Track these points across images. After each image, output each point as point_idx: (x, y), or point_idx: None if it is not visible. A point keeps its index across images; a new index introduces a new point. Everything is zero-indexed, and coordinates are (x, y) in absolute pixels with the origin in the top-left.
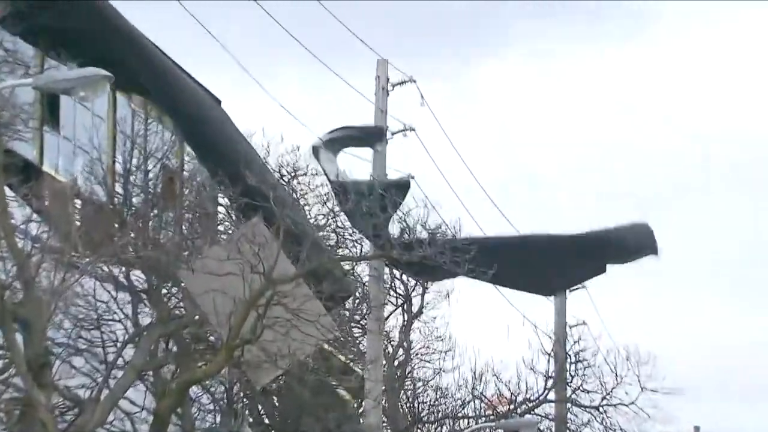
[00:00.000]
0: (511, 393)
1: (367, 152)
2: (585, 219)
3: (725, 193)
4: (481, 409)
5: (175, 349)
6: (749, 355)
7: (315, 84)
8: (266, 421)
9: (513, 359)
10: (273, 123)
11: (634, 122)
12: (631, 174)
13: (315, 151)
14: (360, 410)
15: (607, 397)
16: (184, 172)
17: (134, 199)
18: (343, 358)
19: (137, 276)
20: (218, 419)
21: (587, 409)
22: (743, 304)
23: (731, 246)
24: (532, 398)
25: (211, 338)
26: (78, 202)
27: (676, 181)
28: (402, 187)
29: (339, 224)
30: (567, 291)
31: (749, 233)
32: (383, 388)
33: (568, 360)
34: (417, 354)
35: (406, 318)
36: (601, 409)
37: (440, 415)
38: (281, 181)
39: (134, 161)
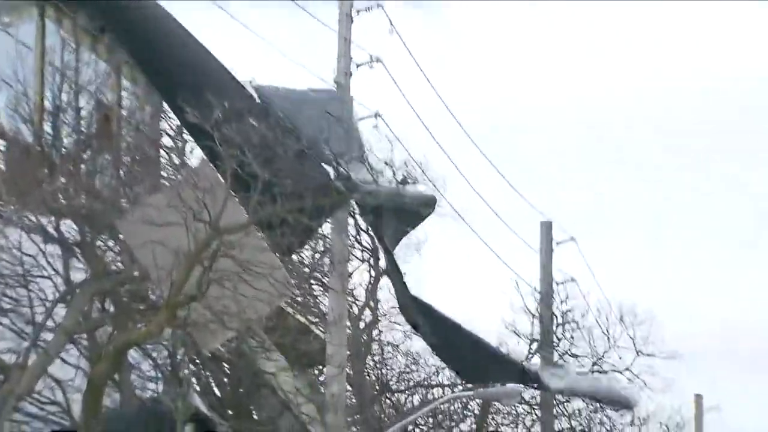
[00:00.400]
0: None
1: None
2: (560, 168)
3: (730, 147)
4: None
5: (111, 308)
6: (754, 320)
7: (272, 11)
8: (215, 390)
9: (493, 320)
10: (226, 54)
11: (628, 72)
12: (622, 126)
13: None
14: (321, 378)
15: (599, 362)
16: (122, 109)
17: (65, 140)
18: (302, 318)
19: (68, 227)
20: (161, 387)
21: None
22: (750, 266)
23: (736, 206)
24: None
25: (152, 296)
26: (1, 143)
27: (672, 132)
28: (428, 204)
29: None
30: (554, 246)
31: (757, 191)
32: (347, 353)
33: (555, 321)
34: (385, 315)
35: (372, 274)
36: (592, 375)
37: (411, 383)
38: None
39: (65, 97)
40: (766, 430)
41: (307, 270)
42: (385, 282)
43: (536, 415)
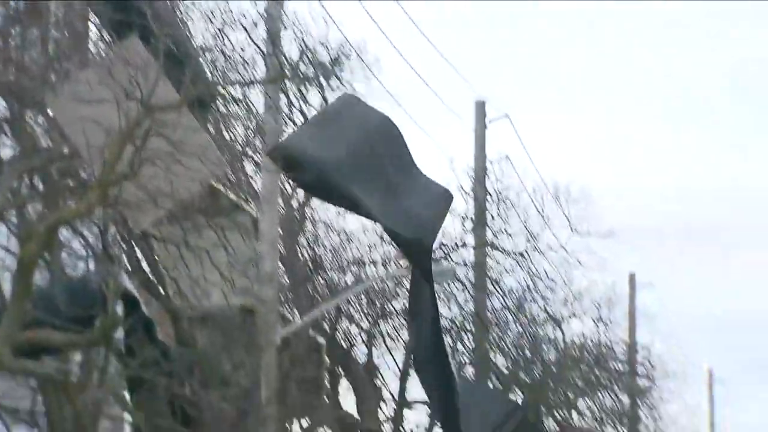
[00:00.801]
0: None
1: None
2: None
3: (671, 19)
4: (390, 254)
5: (41, 186)
6: (688, 197)
7: None
8: (146, 268)
9: None
10: None
11: None
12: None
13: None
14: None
15: (532, 240)
16: None
17: None
18: (233, 196)
19: None
20: (92, 266)
21: (510, 255)
22: (686, 145)
23: (674, 81)
24: (448, 243)
25: (83, 174)
26: None
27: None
28: (447, 200)
29: (228, 45)
30: (487, 123)
31: (699, 67)
32: (280, 232)
33: (489, 199)
34: None
35: None
36: (525, 254)
37: (345, 261)
38: None
39: None
40: (697, 306)
41: (239, 148)
42: None
43: (470, 293)
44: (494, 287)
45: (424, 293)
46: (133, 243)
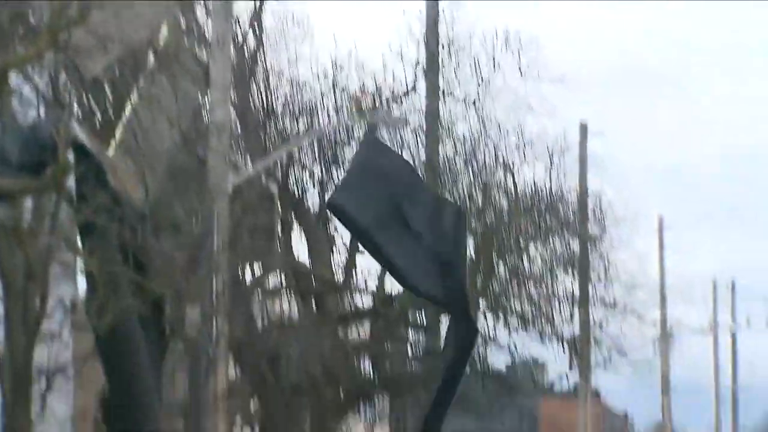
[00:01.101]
0: (377, 85)
1: None
2: None
3: None
4: (342, 101)
5: None
6: (639, 48)
7: None
8: (96, 112)
9: (379, 48)
10: None
11: None
12: None
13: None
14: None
15: (482, 85)
16: None
17: None
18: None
19: None
20: (42, 113)
21: (461, 102)
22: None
23: None
24: (399, 91)
25: (32, 20)
26: None
27: None
28: (461, 219)
29: None
30: None
31: None
32: (232, 80)
33: (440, 46)
34: (270, 41)
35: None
36: (478, 101)
37: (296, 109)
38: None
39: None
40: (650, 157)
41: None
42: (270, 6)
43: (421, 141)
44: (446, 134)
45: (459, 331)
46: (84, 89)
